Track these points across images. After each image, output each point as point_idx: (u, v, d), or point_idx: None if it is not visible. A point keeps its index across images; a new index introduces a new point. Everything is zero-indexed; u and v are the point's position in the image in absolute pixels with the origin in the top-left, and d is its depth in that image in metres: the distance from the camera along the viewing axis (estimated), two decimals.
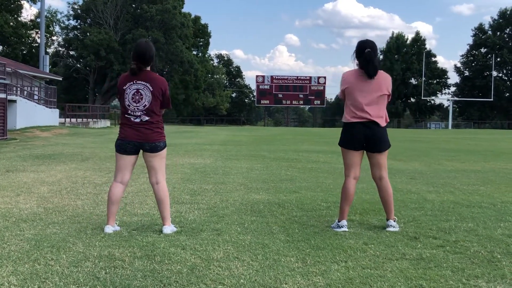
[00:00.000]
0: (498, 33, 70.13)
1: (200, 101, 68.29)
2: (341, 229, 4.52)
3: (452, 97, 72.27)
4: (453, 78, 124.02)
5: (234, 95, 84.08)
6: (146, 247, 3.84)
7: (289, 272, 3.35)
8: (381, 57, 70.17)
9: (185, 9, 69.74)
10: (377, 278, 3.25)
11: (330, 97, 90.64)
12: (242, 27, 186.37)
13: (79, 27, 60.91)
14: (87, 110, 43.00)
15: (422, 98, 66.46)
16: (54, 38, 61.81)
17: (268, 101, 63.55)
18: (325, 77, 63.87)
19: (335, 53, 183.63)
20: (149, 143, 4.33)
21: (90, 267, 3.36)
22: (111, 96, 58.80)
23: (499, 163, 11.72)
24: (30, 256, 3.58)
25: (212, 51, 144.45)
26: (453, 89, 75.94)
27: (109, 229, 4.33)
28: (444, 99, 74.04)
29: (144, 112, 4.29)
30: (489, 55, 68.50)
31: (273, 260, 3.61)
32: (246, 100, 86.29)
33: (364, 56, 4.51)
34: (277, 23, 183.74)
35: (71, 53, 61.89)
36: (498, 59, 66.41)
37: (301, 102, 64.24)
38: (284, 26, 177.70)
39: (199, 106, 69.61)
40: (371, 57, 4.49)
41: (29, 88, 27.39)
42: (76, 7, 59.73)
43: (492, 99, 61.18)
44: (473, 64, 72.12)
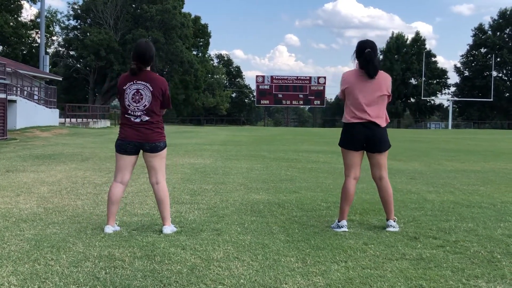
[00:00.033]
0: (498, 33, 70.16)
1: (200, 101, 68.29)
2: (341, 229, 4.53)
3: (452, 97, 72.30)
4: (453, 78, 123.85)
5: (234, 95, 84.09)
6: (146, 247, 3.84)
7: (289, 272, 3.34)
8: (381, 57, 70.16)
9: (185, 9, 69.87)
10: (377, 278, 3.25)
11: (330, 97, 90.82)
12: (242, 27, 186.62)
13: (79, 27, 60.92)
14: (87, 110, 42.99)
15: (422, 98, 66.48)
16: (54, 38, 61.93)
17: (268, 101, 63.56)
18: (325, 77, 63.93)
19: (335, 53, 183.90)
20: (149, 143, 4.33)
21: (90, 267, 3.36)
22: (111, 96, 58.81)
23: (499, 163, 11.72)
24: (30, 256, 3.58)
25: (212, 51, 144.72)
26: (453, 89, 76.10)
27: (109, 229, 4.33)
28: (444, 99, 74.16)
29: (144, 112, 4.29)
30: (489, 55, 68.52)
31: (273, 260, 3.61)
32: (246, 100, 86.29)
33: (364, 56, 4.51)
34: (277, 23, 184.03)
35: (71, 53, 61.90)
36: (498, 59, 66.45)
37: (301, 102, 64.24)
38: (284, 26, 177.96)
39: (199, 106, 69.60)
40: (371, 57, 4.49)
41: (29, 88, 27.38)
42: (76, 7, 59.80)
43: (492, 99, 61.22)
44: (473, 64, 72.15)
